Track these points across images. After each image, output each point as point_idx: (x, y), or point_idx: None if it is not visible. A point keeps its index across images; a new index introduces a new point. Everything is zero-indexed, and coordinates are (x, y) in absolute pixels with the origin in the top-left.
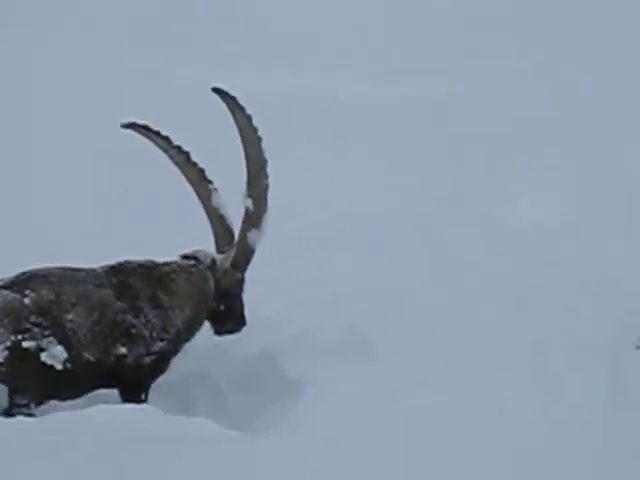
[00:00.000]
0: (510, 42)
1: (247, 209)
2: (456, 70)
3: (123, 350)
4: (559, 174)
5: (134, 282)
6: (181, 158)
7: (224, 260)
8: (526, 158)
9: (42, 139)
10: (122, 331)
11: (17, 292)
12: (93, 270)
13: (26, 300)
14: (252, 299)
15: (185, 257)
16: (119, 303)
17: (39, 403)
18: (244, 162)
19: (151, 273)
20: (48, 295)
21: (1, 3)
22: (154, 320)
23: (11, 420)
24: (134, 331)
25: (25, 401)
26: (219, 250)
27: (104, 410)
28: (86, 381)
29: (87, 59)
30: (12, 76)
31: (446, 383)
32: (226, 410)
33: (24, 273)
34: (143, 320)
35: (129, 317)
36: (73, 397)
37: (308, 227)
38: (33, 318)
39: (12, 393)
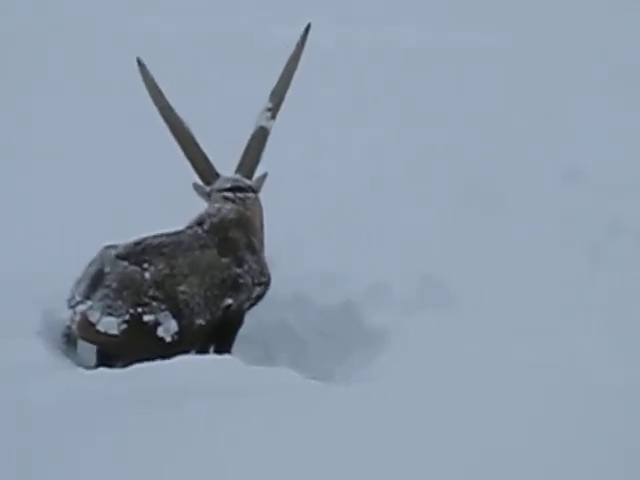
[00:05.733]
0: None
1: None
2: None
3: (230, 301)
4: None
5: (233, 235)
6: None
7: (260, 185)
8: None
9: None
10: (229, 285)
11: (135, 264)
12: (193, 231)
13: (146, 274)
14: (326, 253)
15: (239, 189)
16: (224, 259)
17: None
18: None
19: (241, 220)
20: (164, 269)
21: None
22: (254, 266)
23: (93, 371)
24: (241, 281)
25: (119, 365)
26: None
27: (185, 362)
28: (190, 346)
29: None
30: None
31: (530, 332)
32: (307, 360)
33: (138, 243)
34: (246, 268)
35: (234, 269)
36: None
37: (372, 182)
38: (151, 292)
39: (112, 360)
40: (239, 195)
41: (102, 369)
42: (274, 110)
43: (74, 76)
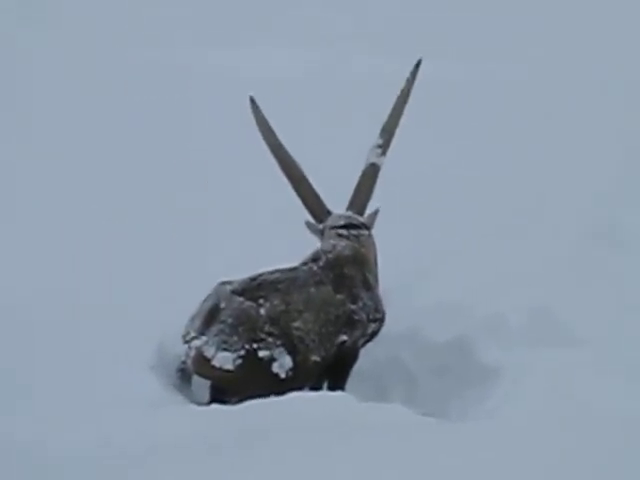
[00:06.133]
0: None
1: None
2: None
3: (344, 337)
4: None
5: (349, 271)
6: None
7: (372, 221)
8: None
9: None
10: (344, 321)
11: (251, 300)
12: (309, 267)
13: (261, 310)
14: (439, 285)
15: (352, 226)
16: (339, 296)
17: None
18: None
19: (356, 256)
20: (280, 305)
21: None
22: (369, 303)
23: (206, 407)
24: (355, 317)
25: (232, 401)
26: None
27: (299, 398)
28: (304, 382)
29: None
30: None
31: None
32: (420, 396)
33: (253, 279)
34: (361, 304)
35: (349, 306)
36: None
37: (485, 213)
38: (267, 328)
39: (226, 395)
40: (353, 232)
41: (215, 405)
42: (384, 146)
43: (74, 76)
